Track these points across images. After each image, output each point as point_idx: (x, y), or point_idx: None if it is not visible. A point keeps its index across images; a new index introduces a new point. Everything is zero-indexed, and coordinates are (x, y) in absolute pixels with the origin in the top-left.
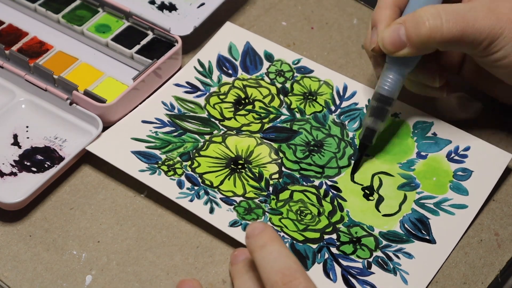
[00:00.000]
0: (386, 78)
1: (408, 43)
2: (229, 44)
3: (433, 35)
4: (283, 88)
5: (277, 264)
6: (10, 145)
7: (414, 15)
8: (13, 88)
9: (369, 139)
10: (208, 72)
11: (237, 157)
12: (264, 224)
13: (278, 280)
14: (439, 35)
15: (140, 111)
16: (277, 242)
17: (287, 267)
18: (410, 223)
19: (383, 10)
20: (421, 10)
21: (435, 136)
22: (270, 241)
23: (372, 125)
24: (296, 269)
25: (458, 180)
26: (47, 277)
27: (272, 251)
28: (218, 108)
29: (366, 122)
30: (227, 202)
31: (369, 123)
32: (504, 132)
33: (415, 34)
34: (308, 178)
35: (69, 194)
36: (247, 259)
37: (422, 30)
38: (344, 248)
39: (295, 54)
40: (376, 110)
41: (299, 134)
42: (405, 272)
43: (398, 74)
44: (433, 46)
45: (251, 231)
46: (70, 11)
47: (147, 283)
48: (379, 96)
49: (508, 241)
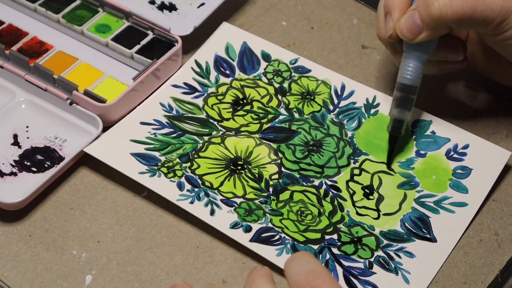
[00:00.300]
0: (407, 67)
1: (424, 26)
2: (226, 45)
3: (444, 14)
4: (281, 88)
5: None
6: (10, 145)
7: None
8: (13, 88)
9: (398, 130)
10: (206, 72)
11: (236, 158)
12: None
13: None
14: (450, 12)
15: (138, 113)
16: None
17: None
18: (410, 222)
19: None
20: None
21: (434, 135)
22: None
23: (399, 116)
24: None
25: (457, 178)
26: (47, 277)
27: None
28: (216, 108)
29: (393, 113)
30: (228, 203)
31: (396, 114)
32: (504, 131)
33: (427, 16)
34: (307, 178)
35: (69, 194)
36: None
37: (433, 10)
38: (345, 248)
39: (293, 54)
40: (401, 100)
41: (298, 134)
42: (406, 271)
43: (417, 61)
44: (446, 25)
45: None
46: (70, 11)
47: (147, 283)
48: (402, 86)
49: (508, 241)
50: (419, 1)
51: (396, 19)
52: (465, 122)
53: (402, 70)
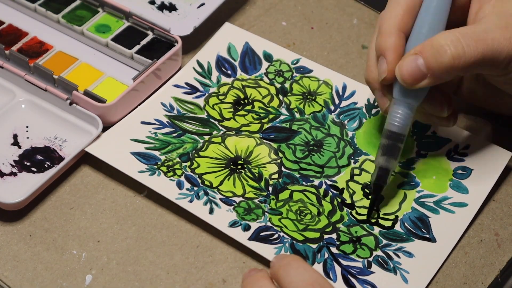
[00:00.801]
0: (396, 114)
1: (429, 74)
2: (228, 45)
3: (456, 63)
4: (282, 88)
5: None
6: (10, 145)
7: (432, 44)
8: (13, 88)
9: (383, 179)
10: (207, 73)
11: (236, 157)
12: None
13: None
14: (462, 61)
15: (139, 112)
16: (300, 259)
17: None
18: (410, 222)
19: (387, 38)
20: (439, 38)
21: (435, 135)
22: (293, 260)
23: (385, 165)
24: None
25: (458, 178)
26: (47, 276)
27: (298, 266)
28: (217, 108)
29: (379, 161)
30: (227, 202)
31: (382, 162)
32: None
33: (437, 64)
34: (307, 178)
35: (69, 194)
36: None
37: (445, 59)
38: (344, 247)
39: (294, 54)
40: (388, 148)
41: (299, 134)
42: (405, 271)
43: (407, 109)
44: (455, 74)
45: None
46: (70, 11)
47: (147, 283)
48: (389, 134)
49: (508, 241)
50: (423, 46)
51: (391, 62)
52: (465, 122)
53: (391, 117)
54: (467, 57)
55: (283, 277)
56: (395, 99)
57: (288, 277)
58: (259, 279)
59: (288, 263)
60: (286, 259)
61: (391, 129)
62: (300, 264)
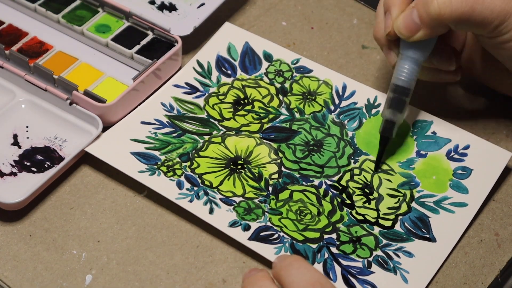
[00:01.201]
0: (402, 69)
1: (422, 25)
2: (228, 45)
3: (442, 12)
4: (282, 88)
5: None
6: (10, 145)
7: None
8: (13, 88)
9: (389, 131)
10: (207, 72)
11: (236, 157)
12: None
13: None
14: (448, 11)
15: (139, 112)
16: (302, 259)
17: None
18: (410, 222)
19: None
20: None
21: (435, 135)
22: (295, 260)
23: (390, 117)
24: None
25: (458, 178)
26: (47, 276)
27: (299, 267)
28: (217, 108)
29: (385, 114)
30: (227, 202)
31: (388, 115)
32: (504, 132)
33: (426, 14)
34: (307, 178)
35: (69, 194)
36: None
37: (431, 8)
38: (344, 247)
39: (294, 54)
40: (394, 102)
41: (299, 134)
42: (405, 271)
43: (413, 64)
44: (444, 24)
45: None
46: (70, 11)
47: (147, 282)
48: (395, 87)
49: (508, 241)
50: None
51: (395, 17)
52: (465, 123)
53: (397, 72)
54: (453, 8)
55: (285, 277)
56: (401, 55)
57: (289, 277)
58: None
59: (289, 263)
60: (288, 259)
61: (397, 83)
62: (302, 264)
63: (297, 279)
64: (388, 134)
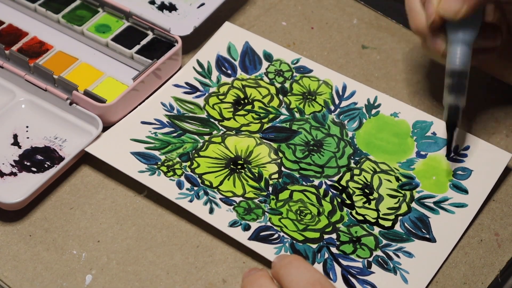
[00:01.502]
0: (455, 52)
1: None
2: (228, 44)
3: None
4: (282, 88)
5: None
6: (10, 145)
7: None
8: (13, 88)
9: (456, 117)
10: (207, 72)
11: (236, 157)
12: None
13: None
14: None
15: (139, 112)
16: (301, 259)
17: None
18: (410, 222)
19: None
20: None
21: (435, 136)
22: (294, 259)
23: (455, 102)
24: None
25: (457, 179)
26: (47, 276)
27: (299, 266)
28: (217, 108)
29: (448, 101)
30: (227, 202)
31: (451, 100)
32: (504, 131)
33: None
34: (307, 178)
35: (69, 194)
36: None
37: None
38: (344, 247)
39: (294, 54)
40: (454, 87)
41: (299, 134)
42: (405, 271)
43: (464, 45)
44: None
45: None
46: (70, 11)
47: (147, 283)
48: (453, 72)
49: (508, 241)
50: None
51: (437, 2)
52: (465, 123)
53: (451, 57)
54: None
55: (285, 276)
56: (451, 40)
57: (289, 276)
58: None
59: (289, 262)
60: (287, 258)
61: (454, 68)
62: (302, 264)
63: (297, 278)
64: (455, 120)
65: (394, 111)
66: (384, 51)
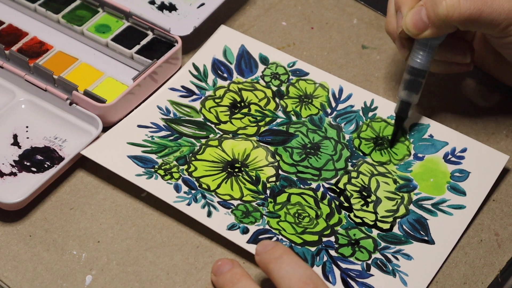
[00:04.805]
0: (417, 52)
1: (430, 24)
2: (224, 48)
3: (451, 14)
4: (278, 91)
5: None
6: (10, 145)
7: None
8: (13, 88)
9: (405, 111)
10: (203, 76)
11: (233, 160)
12: (275, 241)
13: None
14: (457, 13)
15: (135, 116)
16: (293, 253)
17: (307, 275)
18: (408, 224)
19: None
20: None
21: (432, 138)
22: (285, 253)
23: (406, 98)
24: (316, 277)
25: (455, 181)
26: (47, 277)
27: (290, 261)
28: (213, 111)
29: (401, 95)
30: (225, 205)
31: (404, 96)
32: (504, 131)
33: (434, 14)
34: (305, 181)
35: (69, 194)
36: (234, 270)
37: (440, 9)
38: (342, 250)
39: (290, 57)
40: (409, 83)
41: (296, 137)
42: (404, 273)
43: (427, 47)
44: (452, 25)
45: (262, 248)
46: (70, 11)
47: (147, 283)
48: (411, 69)
49: (508, 241)
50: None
51: (405, 15)
52: (465, 123)
53: (413, 54)
54: (462, 9)
55: (275, 271)
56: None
57: (280, 271)
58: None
59: (280, 256)
60: (277, 251)
61: (414, 65)
62: (293, 259)
63: (288, 274)
64: (404, 114)
65: (391, 114)
66: (384, 51)
